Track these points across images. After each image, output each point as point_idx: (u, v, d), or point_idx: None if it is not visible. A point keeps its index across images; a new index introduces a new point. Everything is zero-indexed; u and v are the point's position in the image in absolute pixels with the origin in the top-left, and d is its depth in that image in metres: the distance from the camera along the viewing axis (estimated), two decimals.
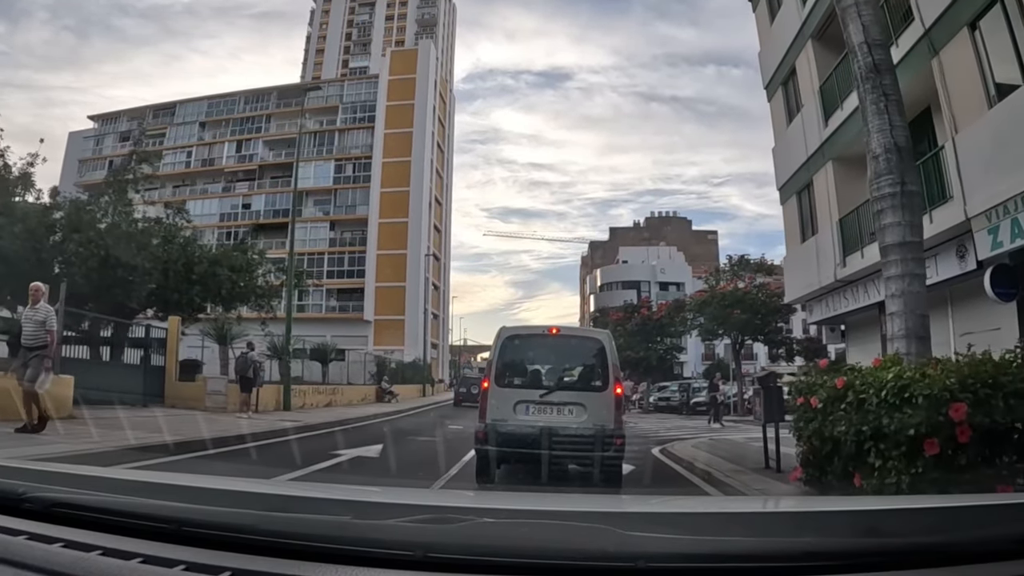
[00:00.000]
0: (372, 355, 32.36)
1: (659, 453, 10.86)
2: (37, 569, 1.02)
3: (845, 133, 12.90)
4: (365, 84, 57.36)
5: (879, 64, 5.72)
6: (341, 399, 22.71)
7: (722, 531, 1.14)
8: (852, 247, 12.52)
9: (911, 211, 5.27)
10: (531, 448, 6.04)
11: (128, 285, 17.11)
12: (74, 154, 59.95)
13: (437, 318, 59.48)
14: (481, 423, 6.48)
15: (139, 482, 1.61)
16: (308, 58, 79.94)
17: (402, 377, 35.56)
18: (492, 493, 4.35)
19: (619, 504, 1.97)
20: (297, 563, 1.01)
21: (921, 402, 3.82)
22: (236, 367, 15.77)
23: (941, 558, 0.97)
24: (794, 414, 5.73)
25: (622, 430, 6.49)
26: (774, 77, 16.86)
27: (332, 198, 53.55)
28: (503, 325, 7.16)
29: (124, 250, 16.58)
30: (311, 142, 55.54)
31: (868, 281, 12.45)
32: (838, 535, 1.09)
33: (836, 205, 13.20)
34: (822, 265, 13.65)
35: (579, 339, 7.65)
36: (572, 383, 6.83)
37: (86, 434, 7.60)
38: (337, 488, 1.77)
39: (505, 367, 6.76)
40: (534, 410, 6.41)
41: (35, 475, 1.45)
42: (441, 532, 1.04)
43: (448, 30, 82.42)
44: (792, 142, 15.52)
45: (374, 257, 51.11)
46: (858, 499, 2.96)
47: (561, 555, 0.99)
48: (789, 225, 16.04)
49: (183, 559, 1.02)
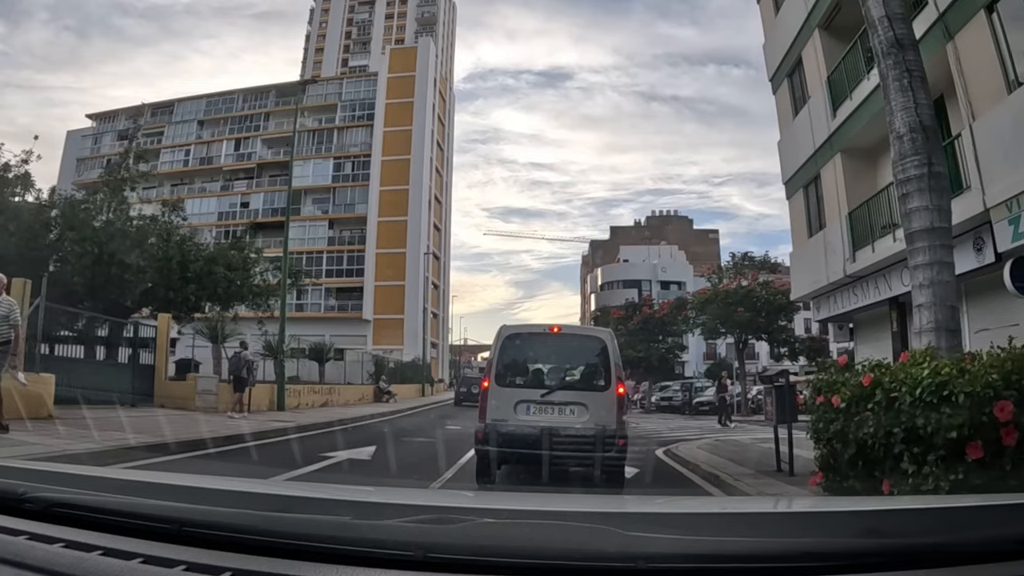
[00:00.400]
0: (370, 354, 31.96)
1: (663, 455, 10.48)
2: (38, 569, 1.02)
3: (854, 124, 12.51)
4: (364, 82, 56.99)
5: (901, 38, 5.33)
6: (338, 399, 22.32)
7: (722, 531, 1.13)
8: (862, 241, 12.12)
9: (939, 194, 4.88)
10: (532, 449, 5.95)
11: (123, 283, 17.00)
12: (72, 153, 59.70)
13: (437, 317, 59.09)
14: (481, 423, 6.40)
15: (139, 482, 1.58)
16: (307, 57, 79.70)
17: (401, 377, 35.18)
18: (492, 493, 4.21)
19: (619, 504, 1.96)
20: (297, 563, 1.00)
21: (962, 401, 3.43)
22: (230, 366, 15.46)
23: (941, 558, 0.96)
24: (812, 414, 5.32)
25: (624, 430, 6.38)
26: (779, 69, 16.46)
27: (331, 196, 53.12)
28: (503, 324, 7.04)
29: (119, 248, 16.42)
30: (310, 140, 55.23)
31: (879, 276, 12.06)
32: (839, 535, 1.07)
33: (845, 198, 12.80)
34: (830, 260, 13.25)
35: (581, 338, 7.50)
36: (573, 383, 6.74)
37: (55, 434, 7.20)
38: (337, 488, 1.74)
39: (505, 366, 6.66)
40: (535, 410, 6.32)
41: (36, 475, 1.45)
42: (441, 532, 1.04)
43: (448, 29, 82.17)
44: (799, 135, 15.12)
45: (373, 256, 50.72)
46: (859, 499, 2.93)
47: (561, 555, 0.99)
48: (795, 220, 15.64)
49: (184, 559, 1.02)
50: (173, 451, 7.62)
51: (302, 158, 54.08)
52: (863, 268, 12.20)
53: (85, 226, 16.44)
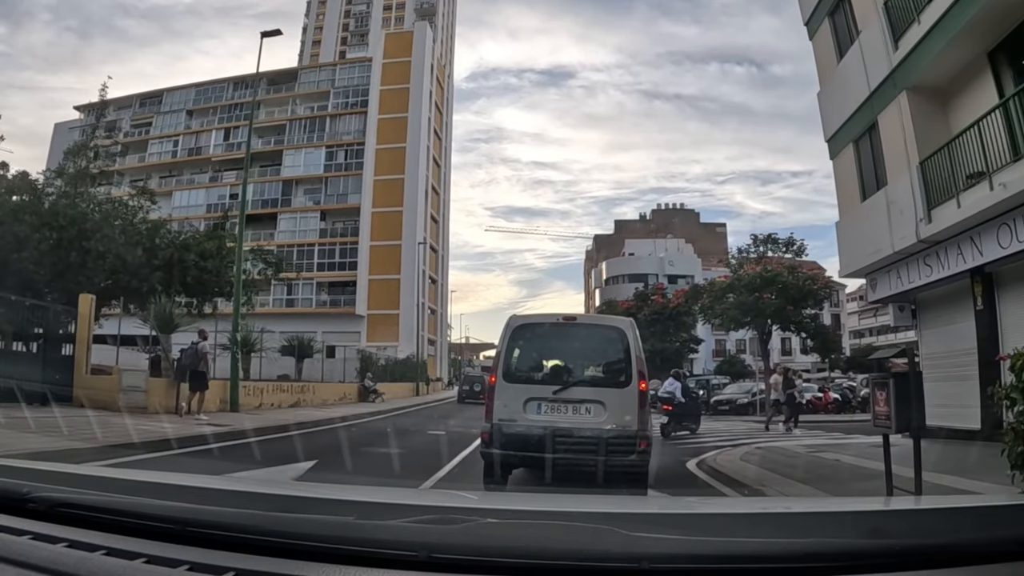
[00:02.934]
0: (356, 350, 29.49)
1: (696, 468, 8.01)
2: (41, 569, 1.01)
3: (925, 54, 10.02)
4: (358, 68, 54.61)
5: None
6: (313, 398, 19.86)
7: (726, 532, 1.12)
8: (942, 196, 9.63)
9: None
10: (542, 452, 5.36)
11: (81, 271, 16.02)
12: (60, 145, 57.52)
13: (435, 313, 56.63)
14: (487, 423, 5.88)
15: (143, 482, 1.56)
16: (304, 49, 78.04)
17: (392, 375, 32.73)
18: (496, 493, 3.87)
19: (623, 505, 1.96)
20: (300, 563, 1.00)
21: None
22: (183, 359, 13.22)
23: (944, 559, 0.96)
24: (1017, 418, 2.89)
25: (647, 431, 5.81)
26: (817, 8, 13.98)
27: (323, 186, 50.72)
28: (513, 314, 6.65)
29: (79, 233, 15.76)
30: (301, 129, 53.02)
31: (963, 240, 9.56)
32: (842, 536, 1.06)
33: (915, 146, 10.29)
34: (896, 224, 10.72)
35: (598, 328, 6.79)
36: (590, 378, 6.08)
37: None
38: (341, 488, 1.68)
39: (514, 361, 6.14)
40: (546, 409, 5.78)
41: (39, 475, 1.45)
42: (445, 532, 1.04)
43: (448, 20, 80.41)
44: (846, 79, 12.61)
45: (367, 248, 48.29)
46: (861, 500, 2.95)
47: (564, 556, 0.98)
48: (843, 182, 13.11)
49: (187, 559, 1.02)
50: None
51: (293, 147, 51.93)
52: (942, 230, 9.69)
53: (40, 209, 15.83)
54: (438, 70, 61.38)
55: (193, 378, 12.53)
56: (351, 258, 48.20)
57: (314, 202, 50.35)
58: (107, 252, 17.66)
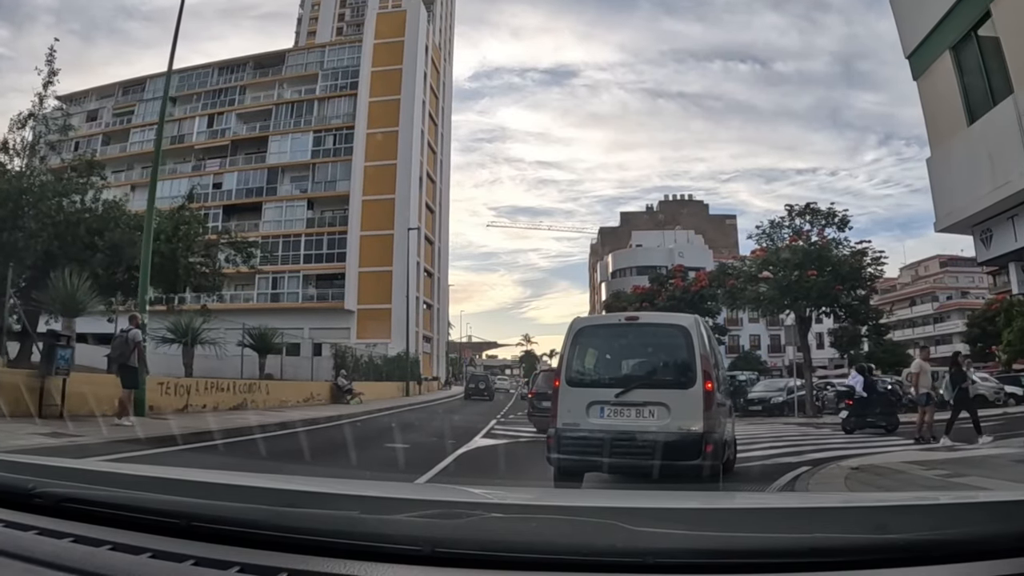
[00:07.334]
0: (330, 345, 26.31)
1: None
2: (47, 564, 1.01)
3: None
4: (348, 49, 51.54)
5: None
6: (267, 399, 16.67)
7: (730, 527, 1.08)
8: None
9: None
10: (605, 457, 5.32)
11: (11, 251, 14.91)
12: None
13: (431, 308, 53.47)
14: (552, 428, 5.89)
15: (148, 477, 1.46)
16: (299, 40, 75.20)
17: (377, 373, 29.56)
18: (501, 488, 3.39)
19: (628, 499, 1.73)
20: (305, 558, 1.00)
21: None
22: (113, 352, 11.18)
23: (946, 555, 0.95)
24: None
25: (714, 434, 5.42)
26: None
27: (310, 174, 47.65)
28: (576, 316, 6.84)
29: (12, 207, 14.89)
30: (287, 113, 50.02)
31: None
32: (844, 531, 1.03)
33: None
34: None
35: (660, 327, 6.56)
36: (653, 379, 5.87)
37: None
38: (346, 483, 1.56)
39: (576, 363, 6.10)
40: (609, 412, 5.67)
41: (44, 470, 1.43)
42: (449, 527, 1.03)
43: (447, 9, 77.72)
44: None
45: (357, 239, 45.17)
46: (864, 495, 3.02)
47: (569, 550, 0.98)
48: (936, 106, 9.83)
49: (192, 554, 1.02)
50: None
51: (280, 132, 48.94)
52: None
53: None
54: (434, 52, 58.29)
55: (122, 373, 10.44)
56: (340, 249, 45.10)
57: (301, 190, 47.30)
58: (42, 231, 15.88)
